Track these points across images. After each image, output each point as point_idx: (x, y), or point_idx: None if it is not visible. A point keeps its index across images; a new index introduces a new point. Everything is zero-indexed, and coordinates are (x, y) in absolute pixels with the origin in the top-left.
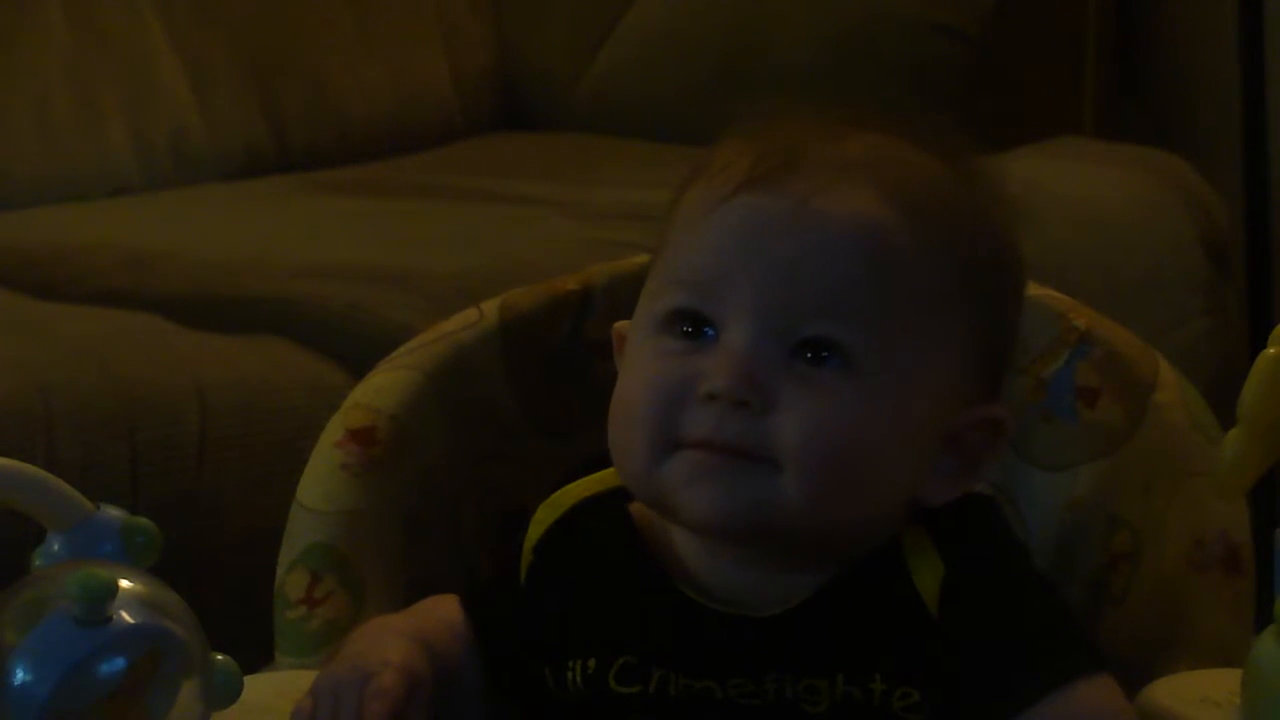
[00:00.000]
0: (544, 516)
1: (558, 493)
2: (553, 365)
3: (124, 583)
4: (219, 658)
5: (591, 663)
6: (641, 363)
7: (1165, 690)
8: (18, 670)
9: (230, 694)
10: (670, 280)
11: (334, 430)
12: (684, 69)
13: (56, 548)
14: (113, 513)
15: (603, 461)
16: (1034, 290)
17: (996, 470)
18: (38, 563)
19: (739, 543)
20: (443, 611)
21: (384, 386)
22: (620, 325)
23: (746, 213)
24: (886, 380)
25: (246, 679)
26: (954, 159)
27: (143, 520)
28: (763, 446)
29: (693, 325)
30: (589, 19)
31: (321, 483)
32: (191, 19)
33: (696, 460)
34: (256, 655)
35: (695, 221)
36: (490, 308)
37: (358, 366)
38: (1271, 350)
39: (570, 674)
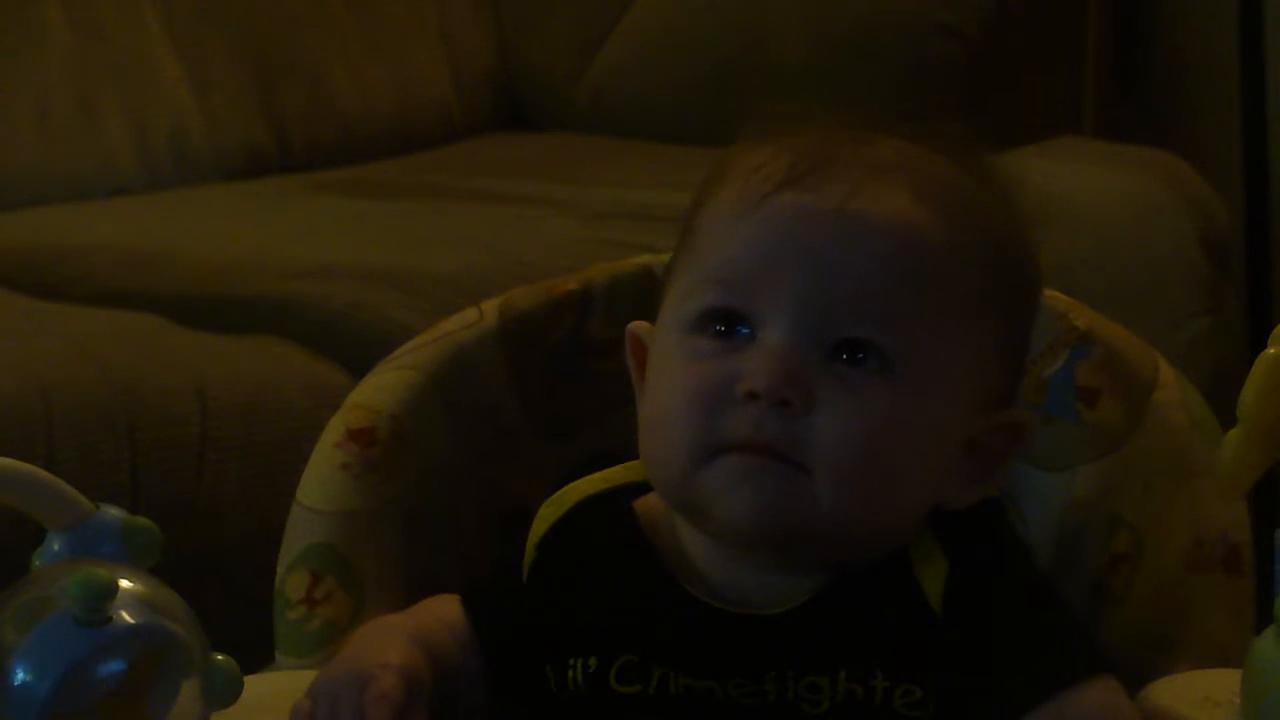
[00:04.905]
0: (547, 514)
1: (561, 490)
2: (553, 365)
3: (124, 583)
4: (219, 658)
5: (593, 661)
6: (674, 368)
7: (1165, 690)
8: (18, 670)
9: (230, 694)
10: (703, 279)
11: (334, 430)
12: (684, 69)
13: (56, 548)
14: (113, 513)
15: (605, 460)
16: None
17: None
18: (38, 563)
19: (767, 548)
20: (443, 611)
21: (384, 386)
22: (635, 326)
23: (788, 211)
24: (921, 383)
25: (246, 679)
26: (972, 164)
27: (143, 520)
28: (798, 449)
29: (726, 324)
30: (589, 19)
31: (322, 483)
32: (191, 19)
33: (735, 464)
34: (256, 655)
35: (729, 222)
36: (490, 308)
37: (358, 366)
38: (1271, 350)
39: (571, 672)
